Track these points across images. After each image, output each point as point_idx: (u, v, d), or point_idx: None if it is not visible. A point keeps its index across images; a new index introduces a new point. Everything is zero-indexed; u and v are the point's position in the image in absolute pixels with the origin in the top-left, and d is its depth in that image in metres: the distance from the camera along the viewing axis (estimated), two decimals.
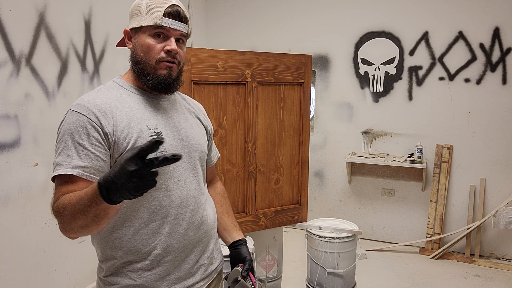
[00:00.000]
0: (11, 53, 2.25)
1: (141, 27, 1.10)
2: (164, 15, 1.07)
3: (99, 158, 1.00)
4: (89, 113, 1.01)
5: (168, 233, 1.11)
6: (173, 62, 1.11)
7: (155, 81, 1.11)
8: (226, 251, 1.36)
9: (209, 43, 4.44)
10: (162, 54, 1.09)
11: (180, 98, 1.28)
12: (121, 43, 1.21)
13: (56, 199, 0.98)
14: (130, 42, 1.14)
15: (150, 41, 1.09)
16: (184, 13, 1.12)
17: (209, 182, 1.41)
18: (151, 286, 1.10)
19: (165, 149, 1.10)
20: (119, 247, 1.08)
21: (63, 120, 1.05)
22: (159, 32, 1.09)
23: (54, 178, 1.01)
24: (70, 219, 0.94)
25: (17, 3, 2.27)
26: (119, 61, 3.06)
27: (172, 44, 1.09)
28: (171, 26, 1.08)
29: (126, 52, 1.18)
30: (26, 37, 2.34)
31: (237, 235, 1.32)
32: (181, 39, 1.13)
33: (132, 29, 1.12)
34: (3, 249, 2.23)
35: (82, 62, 2.75)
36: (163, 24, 1.07)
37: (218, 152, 1.43)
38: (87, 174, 0.98)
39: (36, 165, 2.42)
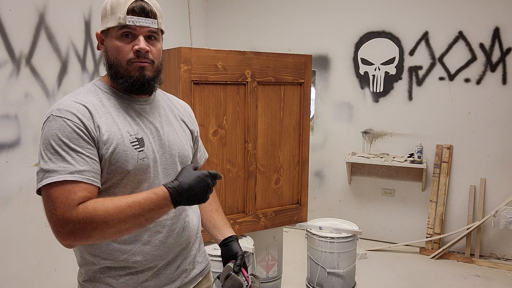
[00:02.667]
0: (11, 53, 2.25)
1: (108, 29, 1.04)
2: (127, 13, 1.01)
3: (94, 161, 0.98)
4: (74, 118, 0.98)
5: (148, 240, 1.08)
6: (146, 62, 1.05)
7: (128, 83, 1.06)
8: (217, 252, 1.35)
9: (209, 43, 4.44)
10: (131, 55, 1.03)
11: (165, 99, 1.23)
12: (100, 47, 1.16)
13: (72, 205, 0.92)
14: (102, 45, 1.09)
15: (118, 43, 1.03)
16: (150, 7, 1.04)
17: None
18: None
19: (146, 156, 1.06)
20: (97, 253, 1.07)
21: (44, 126, 1.00)
22: (126, 32, 1.03)
23: (48, 186, 0.95)
24: (110, 224, 0.92)
25: (17, 3, 2.27)
26: None
27: (140, 43, 1.03)
28: (136, 24, 1.02)
29: None
30: (26, 37, 2.34)
31: (228, 232, 1.29)
32: (153, 35, 1.06)
33: (102, 32, 1.08)
34: (3, 249, 2.23)
35: (82, 62, 2.75)
36: (127, 23, 1.01)
37: (206, 153, 1.39)
38: (87, 178, 0.96)
39: (36, 165, 2.42)
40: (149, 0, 1.06)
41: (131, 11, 1.02)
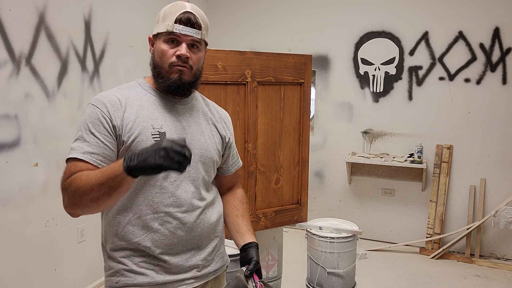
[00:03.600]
0: (11, 53, 2.25)
1: (158, 33, 1.17)
2: (175, 22, 1.14)
3: (107, 147, 1.11)
4: (102, 107, 1.12)
5: (157, 228, 1.15)
6: (184, 67, 1.16)
7: (166, 84, 1.17)
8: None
9: (209, 43, 4.44)
10: (174, 59, 1.15)
11: (203, 104, 1.32)
12: None
13: (68, 176, 1.06)
14: (152, 48, 1.22)
15: (164, 46, 1.16)
16: (196, 19, 1.16)
17: (229, 189, 1.43)
18: (141, 272, 1.15)
19: None
20: (115, 233, 1.17)
21: (84, 112, 1.15)
22: (172, 38, 1.15)
23: (67, 160, 1.10)
24: (83, 191, 1.02)
25: (17, 3, 2.27)
26: (119, 61, 3.06)
27: (182, 49, 1.15)
28: (181, 32, 1.14)
29: (126, 52, 1.20)
30: (26, 37, 2.34)
31: (249, 238, 1.32)
32: (195, 44, 1.18)
33: (153, 35, 1.21)
34: (3, 249, 2.23)
35: (82, 62, 2.75)
36: (174, 31, 1.14)
37: (240, 162, 1.45)
38: (94, 159, 1.08)
39: (36, 165, 2.42)
40: (197, 13, 1.18)
41: (179, 21, 1.14)
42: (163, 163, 0.92)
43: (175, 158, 0.93)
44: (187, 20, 1.14)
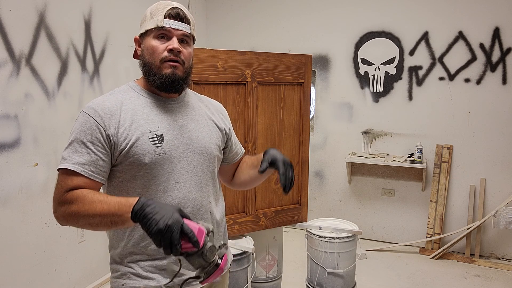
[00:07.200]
0: (11, 53, 2.25)
1: (146, 31, 1.17)
2: (165, 17, 1.14)
3: (99, 158, 1.09)
4: (96, 115, 1.10)
5: None
6: (177, 61, 1.15)
7: (159, 80, 1.15)
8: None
9: (209, 43, 4.44)
10: (165, 54, 1.14)
11: (196, 99, 1.31)
12: (136, 54, 1.25)
13: (65, 189, 1.05)
14: (140, 48, 1.21)
15: (154, 43, 1.15)
16: (184, 14, 1.17)
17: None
18: (148, 276, 1.15)
19: (164, 152, 1.14)
20: (121, 238, 1.17)
21: (76, 120, 1.13)
22: (162, 34, 1.15)
23: (59, 170, 1.09)
24: (83, 216, 1.01)
25: (17, 3, 2.27)
26: (119, 61, 3.06)
27: (173, 43, 1.14)
28: (172, 27, 1.14)
29: (125, 52, 1.20)
30: (26, 37, 2.34)
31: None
32: (185, 39, 1.18)
33: (140, 35, 1.21)
34: (3, 249, 2.23)
35: (82, 62, 2.75)
36: (164, 25, 1.13)
37: (242, 149, 1.48)
38: (85, 171, 1.07)
39: (36, 165, 2.42)
40: (184, 10, 1.19)
41: (168, 16, 1.14)
42: (160, 243, 0.91)
43: (174, 243, 0.90)
44: (177, 14, 1.15)
